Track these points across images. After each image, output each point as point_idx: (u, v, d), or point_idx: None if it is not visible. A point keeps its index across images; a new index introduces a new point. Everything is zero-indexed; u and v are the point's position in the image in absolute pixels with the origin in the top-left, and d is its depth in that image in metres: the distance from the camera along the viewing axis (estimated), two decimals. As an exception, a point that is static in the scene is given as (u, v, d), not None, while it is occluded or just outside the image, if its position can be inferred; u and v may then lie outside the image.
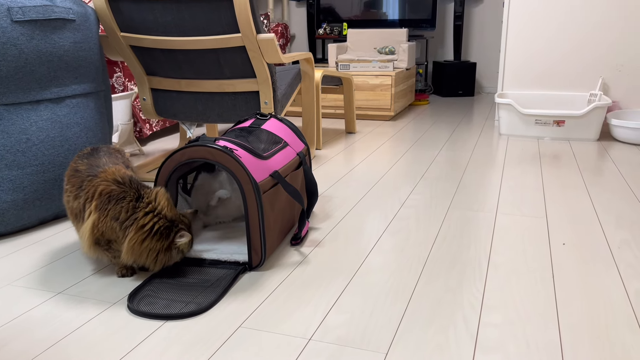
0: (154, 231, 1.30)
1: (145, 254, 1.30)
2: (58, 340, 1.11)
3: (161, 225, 1.31)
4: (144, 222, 1.29)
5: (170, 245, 1.33)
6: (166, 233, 1.32)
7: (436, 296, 1.28)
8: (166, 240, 1.32)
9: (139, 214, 1.29)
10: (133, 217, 1.29)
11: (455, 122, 3.52)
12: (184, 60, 2.08)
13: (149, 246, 1.30)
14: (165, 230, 1.31)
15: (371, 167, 2.43)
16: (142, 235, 1.29)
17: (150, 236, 1.29)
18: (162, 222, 1.31)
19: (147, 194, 1.33)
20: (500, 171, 2.33)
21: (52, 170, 1.70)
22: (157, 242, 1.31)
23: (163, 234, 1.31)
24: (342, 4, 4.70)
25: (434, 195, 2.03)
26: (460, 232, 1.66)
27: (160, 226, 1.31)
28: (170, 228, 1.32)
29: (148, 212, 1.30)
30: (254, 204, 1.38)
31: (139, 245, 1.29)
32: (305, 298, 1.27)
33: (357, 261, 1.47)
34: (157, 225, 1.30)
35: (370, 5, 4.62)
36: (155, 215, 1.30)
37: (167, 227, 1.32)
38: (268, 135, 1.64)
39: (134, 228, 1.28)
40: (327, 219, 1.80)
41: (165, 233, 1.31)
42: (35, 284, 1.35)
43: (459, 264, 1.44)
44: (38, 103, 1.68)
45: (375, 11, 4.62)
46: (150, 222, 1.29)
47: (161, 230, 1.31)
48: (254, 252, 1.41)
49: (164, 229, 1.31)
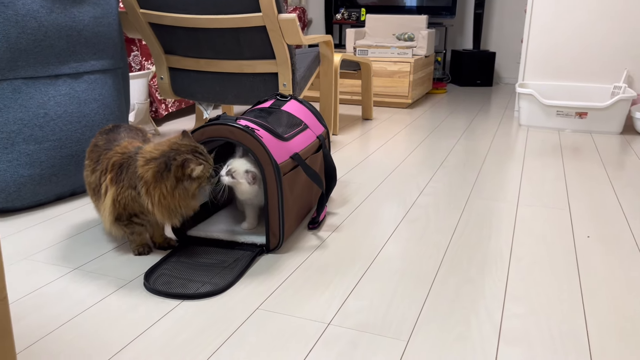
0: (157, 174, 1.23)
1: (174, 201, 1.25)
2: (74, 316, 1.10)
3: (156, 166, 1.24)
4: (146, 176, 1.24)
5: (181, 179, 1.24)
6: (166, 167, 1.24)
7: (457, 285, 1.25)
8: (173, 175, 1.24)
9: (138, 170, 1.26)
10: (138, 180, 1.26)
11: (473, 111, 3.47)
12: (203, 39, 2.05)
13: (167, 191, 1.24)
14: (163, 165, 1.24)
15: (388, 154, 2.39)
16: (154, 186, 1.24)
17: (160, 181, 1.23)
18: (154, 164, 1.24)
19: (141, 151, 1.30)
20: (521, 162, 2.29)
21: (69, 146, 1.69)
22: (168, 181, 1.23)
23: (164, 169, 1.24)
24: (361, -11, 4.63)
25: (453, 183, 1.99)
26: (480, 222, 1.63)
27: (155, 168, 1.24)
28: (167, 163, 1.24)
29: (143, 165, 1.26)
30: (274, 186, 1.35)
31: (162, 197, 1.24)
32: (323, 282, 1.25)
33: (376, 247, 1.44)
34: (153, 169, 1.24)
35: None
36: (147, 162, 1.25)
37: (163, 163, 1.24)
38: (288, 117, 1.61)
39: (144, 186, 1.24)
40: (344, 204, 1.77)
41: (164, 167, 1.24)
42: (52, 259, 1.34)
43: (480, 254, 1.41)
44: (56, 78, 1.66)
45: None
46: (147, 170, 1.25)
47: (161, 169, 1.24)
48: (272, 235, 1.39)
49: (162, 165, 1.24)
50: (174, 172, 1.23)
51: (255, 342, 1.02)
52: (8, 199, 1.59)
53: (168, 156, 1.24)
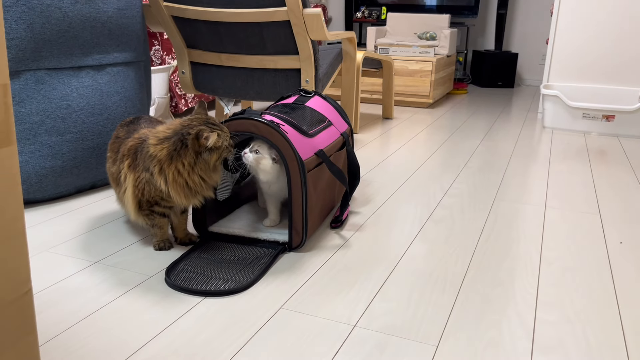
0: (173, 152, 1.21)
1: (190, 177, 1.22)
2: (92, 312, 1.08)
3: (171, 144, 1.21)
4: (160, 155, 1.21)
5: (199, 152, 1.21)
6: (182, 144, 1.21)
7: (486, 290, 1.21)
8: (191, 150, 1.21)
9: (150, 150, 1.23)
10: (151, 159, 1.23)
11: (495, 112, 3.41)
12: (226, 33, 2.03)
13: (184, 168, 1.21)
14: (179, 143, 1.21)
15: (410, 154, 2.35)
16: (169, 164, 1.21)
17: (176, 159, 1.20)
18: (167, 142, 1.21)
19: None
20: (546, 164, 2.23)
21: (91, 138, 1.67)
22: (186, 158, 1.21)
23: (181, 147, 1.20)
24: (382, -12, 4.58)
25: (478, 185, 1.94)
26: (508, 225, 1.59)
27: (171, 146, 1.21)
28: (182, 140, 1.21)
29: (156, 145, 1.23)
30: (298, 182, 1.32)
31: (178, 174, 1.21)
32: (348, 283, 1.22)
33: (401, 248, 1.41)
34: (168, 148, 1.21)
35: (411, -11, 4.50)
36: (160, 141, 1.23)
37: (178, 140, 1.21)
38: (312, 113, 1.58)
39: (157, 165, 1.22)
40: (367, 203, 1.73)
41: (181, 145, 1.21)
42: (72, 252, 1.33)
43: (509, 258, 1.37)
44: (80, 69, 1.64)
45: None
46: (161, 149, 1.22)
47: (177, 147, 1.20)
48: (295, 232, 1.36)
49: (178, 143, 1.21)
50: (191, 146, 1.21)
51: (278, 343, 0.99)
52: (30, 190, 1.57)
53: (182, 133, 1.22)
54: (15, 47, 1.48)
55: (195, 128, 1.22)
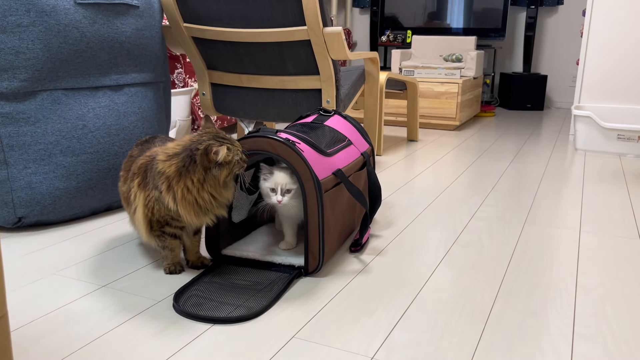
0: (182, 169, 1.16)
1: (200, 194, 1.16)
2: (94, 338, 1.02)
3: (179, 161, 1.16)
4: (168, 171, 1.16)
5: (208, 168, 1.16)
6: (191, 160, 1.15)
7: (518, 320, 1.11)
8: (200, 166, 1.15)
9: (158, 166, 1.18)
10: (159, 176, 1.18)
11: (524, 135, 3.30)
12: (246, 53, 2.00)
13: (194, 185, 1.15)
14: (188, 159, 1.15)
15: (436, 176, 2.26)
16: (177, 181, 1.16)
17: (185, 175, 1.15)
18: (176, 159, 1.16)
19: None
20: (580, 187, 2.12)
21: (107, 159, 1.64)
22: (195, 174, 1.15)
23: (190, 163, 1.15)
24: (406, 13, 4.56)
25: (507, 208, 1.85)
26: (540, 250, 1.48)
27: (179, 162, 1.16)
28: (191, 155, 1.16)
29: (164, 161, 1.18)
30: (315, 203, 1.26)
31: (187, 192, 1.16)
32: (367, 311, 1.14)
33: (424, 274, 1.32)
34: (177, 164, 1.16)
35: (435, 14, 4.46)
36: (169, 157, 1.18)
37: (187, 157, 1.16)
38: (331, 132, 1.52)
39: (164, 182, 1.17)
40: (389, 226, 1.65)
41: (190, 161, 1.15)
42: (80, 275, 1.28)
43: (542, 285, 1.27)
44: (97, 89, 1.63)
45: (440, 20, 4.45)
46: (170, 165, 1.17)
47: (186, 164, 1.15)
48: (311, 256, 1.29)
49: (187, 159, 1.16)
50: (200, 162, 1.15)
51: (289, 375, 0.91)
52: (43, 211, 1.55)
53: (190, 148, 1.17)
54: (32, 67, 1.47)
55: (204, 143, 1.17)
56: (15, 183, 1.50)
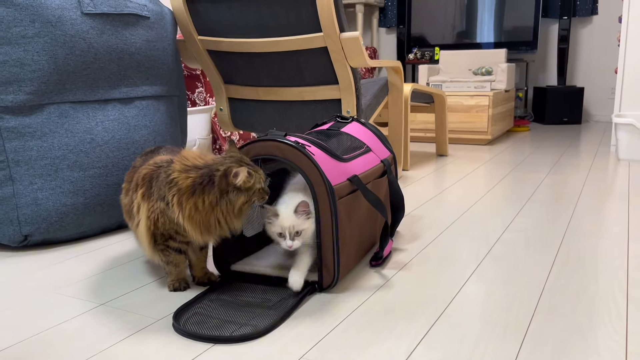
0: (197, 185, 1.07)
1: (208, 217, 1.08)
2: (86, 358, 0.93)
3: (197, 177, 1.08)
4: (182, 184, 1.08)
5: (225, 191, 1.07)
6: (209, 180, 1.07)
7: (560, 337, 0.97)
8: (217, 188, 1.07)
9: (172, 177, 1.10)
10: (170, 186, 1.10)
11: (561, 147, 3.13)
12: (262, 65, 1.94)
13: (204, 206, 1.07)
14: (207, 178, 1.07)
15: (466, 189, 2.13)
16: (188, 196, 1.07)
17: (198, 194, 1.07)
18: (195, 173, 1.08)
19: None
20: (625, 197, 1.95)
21: (116, 174, 1.58)
22: (209, 196, 1.07)
23: (207, 182, 1.07)
24: (434, 30, 4.47)
25: (545, 219, 1.70)
26: (582, 261, 1.33)
27: (197, 179, 1.08)
28: (210, 175, 1.08)
29: (181, 172, 1.09)
30: (328, 211, 1.15)
31: (195, 210, 1.07)
32: (386, 329, 1.01)
33: (452, 289, 1.19)
34: (193, 179, 1.08)
35: (464, 29, 4.35)
36: (187, 169, 1.09)
37: (206, 175, 1.08)
38: (348, 139, 1.42)
39: (176, 194, 1.08)
40: (414, 240, 1.53)
41: (208, 180, 1.07)
42: (80, 294, 1.20)
43: (586, 299, 1.12)
44: (106, 102, 1.58)
45: (469, 36, 4.34)
46: (186, 179, 1.08)
47: (203, 182, 1.07)
48: (326, 270, 1.18)
49: (205, 177, 1.07)
50: (217, 184, 1.07)
51: (294, 400, 0.80)
52: (50, 229, 1.48)
53: (211, 168, 1.08)
54: (37, 80, 1.43)
55: (226, 165, 1.09)
56: (20, 199, 1.45)
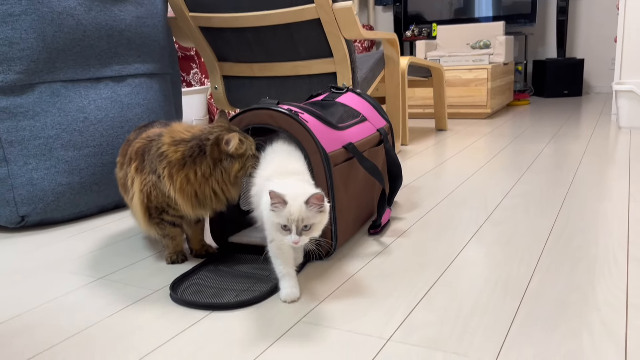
0: (187, 157, 1.06)
1: (200, 188, 1.07)
2: (84, 328, 0.92)
3: (187, 149, 1.07)
4: (172, 157, 1.07)
5: (219, 159, 1.06)
6: (200, 151, 1.06)
7: (559, 295, 0.96)
8: (209, 157, 1.06)
9: (161, 150, 1.09)
10: (160, 159, 1.08)
11: (562, 119, 3.11)
12: (255, 40, 1.91)
13: (196, 177, 1.06)
14: (197, 149, 1.06)
15: (466, 160, 2.11)
16: (179, 169, 1.06)
17: (189, 166, 1.06)
18: (184, 146, 1.07)
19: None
20: (626, 163, 1.93)
21: (111, 152, 1.57)
22: (201, 167, 1.06)
23: (197, 154, 1.06)
24: (431, 7, 4.41)
25: (545, 185, 1.68)
26: (583, 223, 1.32)
27: (186, 151, 1.06)
28: (200, 145, 1.06)
29: (170, 145, 1.08)
30: (323, 178, 1.14)
31: (187, 183, 1.06)
32: (384, 292, 1.01)
33: (451, 253, 1.18)
34: (183, 151, 1.06)
35: (461, 8, 4.30)
36: (176, 142, 1.08)
37: (196, 146, 1.06)
38: (344, 108, 1.40)
39: (166, 167, 1.07)
40: (413, 209, 1.52)
41: (199, 151, 1.06)
42: (78, 269, 1.20)
43: (586, 259, 1.11)
44: (98, 81, 1.56)
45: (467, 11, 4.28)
46: (175, 152, 1.07)
47: (194, 153, 1.06)
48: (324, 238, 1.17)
49: (195, 149, 1.06)
50: (209, 154, 1.06)
51: (294, 358, 0.79)
52: (47, 209, 1.48)
53: (201, 138, 1.07)
54: (27, 58, 1.41)
55: (215, 133, 1.07)
56: (16, 180, 1.44)
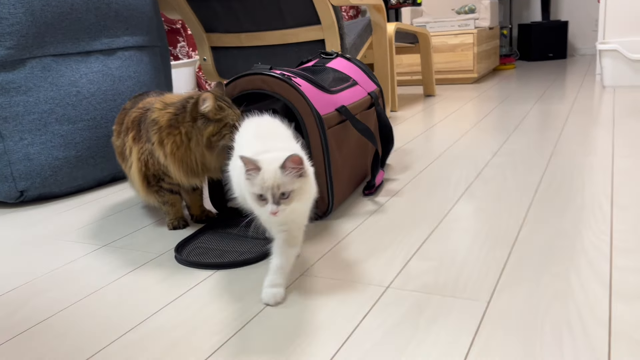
0: (173, 118, 1.09)
1: (186, 153, 1.09)
2: (93, 291, 0.96)
3: (174, 110, 1.09)
4: (161, 121, 1.10)
5: (196, 119, 1.08)
6: (184, 110, 1.09)
7: (547, 241, 1.01)
8: (189, 115, 1.08)
9: (153, 117, 1.11)
10: (151, 126, 1.11)
11: (547, 81, 3.14)
12: (241, 9, 1.91)
13: (182, 140, 1.08)
14: (182, 108, 1.09)
15: (455, 123, 2.15)
16: (168, 133, 1.09)
17: (175, 126, 1.08)
18: (172, 108, 1.10)
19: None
20: (610, 121, 1.98)
21: (105, 125, 1.58)
22: (184, 125, 1.08)
23: (181, 112, 1.08)
24: (415, -30, 4.39)
25: (532, 143, 1.73)
26: (569, 177, 1.37)
27: (173, 111, 1.09)
28: (184, 105, 1.09)
29: (160, 109, 1.11)
30: (318, 140, 1.17)
31: (176, 148, 1.09)
32: (382, 246, 1.05)
33: (444, 208, 1.22)
34: (170, 113, 1.09)
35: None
36: (165, 106, 1.11)
37: (181, 105, 1.09)
38: (334, 73, 1.43)
39: (157, 132, 1.10)
40: (405, 170, 1.56)
41: (182, 110, 1.09)
42: (81, 239, 1.22)
43: (573, 208, 1.16)
44: (88, 54, 1.56)
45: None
46: (164, 114, 1.10)
47: (179, 112, 1.09)
48: (320, 199, 1.20)
49: (180, 108, 1.09)
50: (190, 112, 1.08)
51: (297, 309, 0.84)
52: (45, 183, 1.50)
53: (186, 99, 1.09)
54: (16, 33, 1.41)
55: (199, 95, 1.10)
56: (12, 156, 1.45)
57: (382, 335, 0.75)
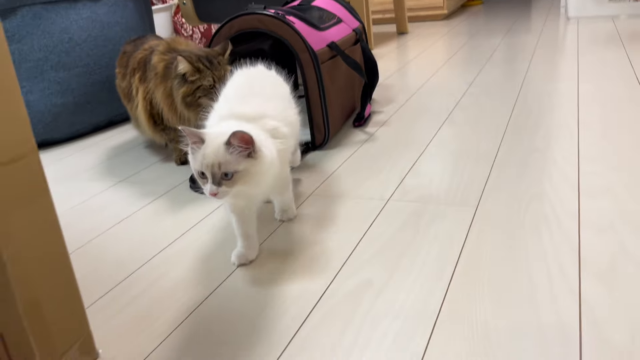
0: (165, 70, 1.14)
1: (174, 103, 1.15)
2: (116, 223, 1.05)
3: (169, 60, 1.14)
4: (158, 67, 1.16)
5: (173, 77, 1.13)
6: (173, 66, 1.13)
7: (523, 156, 1.14)
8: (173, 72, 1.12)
9: (154, 58, 1.18)
10: (151, 70, 1.18)
11: (514, 16, 3.24)
12: (221, -49, 1.93)
13: (170, 91, 1.14)
14: (171, 64, 1.13)
15: (430, 58, 2.25)
16: (161, 81, 1.15)
17: (165, 80, 1.14)
18: (169, 56, 1.15)
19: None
20: (575, 50, 2.11)
21: (99, 71, 1.63)
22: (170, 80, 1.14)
23: (170, 71, 1.13)
24: None
25: (504, 73, 1.85)
26: (539, 101, 1.50)
27: (168, 61, 1.14)
28: (173, 61, 1.12)
29: (161, 53, 1.18)
30: (313, 75, 1.26)
31: (167, 96, 1.15)
32: (377, 167, 1.17)
33: (429, 133, 1.34)
34: (166, 62, 1.15)
35: None
36: (167, 51, 1.18)
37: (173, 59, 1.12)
38: (320, 11, 1.50)
39: (153, 78, 1.16)
40: (389, 103, 1.66)
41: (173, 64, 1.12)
42: (95, 177, 1.31)
43: (544, 128, 1.29)
44: (75, 1, 1.59)
45: None
46: (161, 61, 1.16)
47: (170, 66, 1.13)
48: (317, 130, 1.31)
49: (171, 62, 1.14)
50: (173, 69, 1.13)
51: (311, 224, 0.95)
52: (46, 129, 1.55)
53: (181, 54, 1.12)
54: (6, -19, 1.43)
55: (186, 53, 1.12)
56: (12, 104, 1.50)
57: (389, 237, 0.88)
